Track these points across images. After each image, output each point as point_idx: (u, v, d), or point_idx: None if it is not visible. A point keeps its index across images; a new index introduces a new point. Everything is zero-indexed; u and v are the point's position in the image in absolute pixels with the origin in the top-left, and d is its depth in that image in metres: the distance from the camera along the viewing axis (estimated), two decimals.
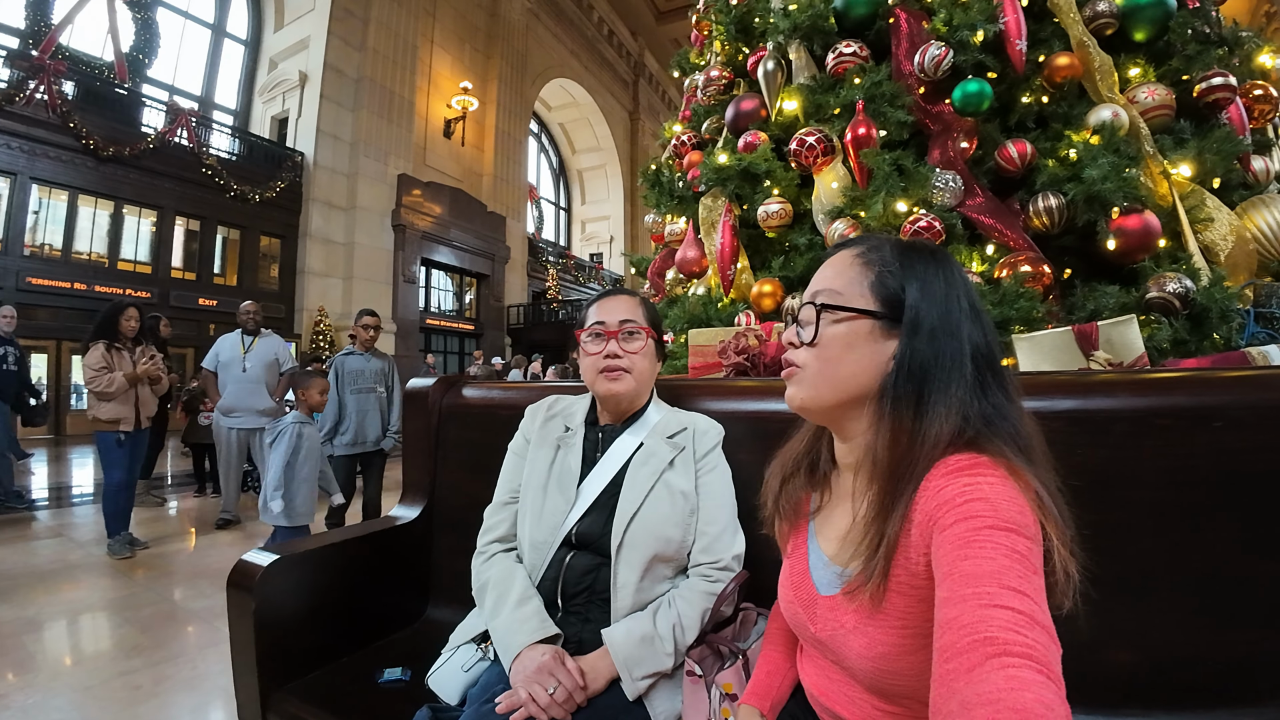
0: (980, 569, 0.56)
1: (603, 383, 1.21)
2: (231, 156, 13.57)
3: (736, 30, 3.36)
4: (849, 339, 0.76)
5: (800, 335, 0.80)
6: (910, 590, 0.68)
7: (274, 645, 1.32)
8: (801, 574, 0.85)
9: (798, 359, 0.80)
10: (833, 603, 0.78)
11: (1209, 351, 2.04)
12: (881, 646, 0.70)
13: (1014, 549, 0.57)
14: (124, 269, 12.06)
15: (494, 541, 1.26)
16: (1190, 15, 2.63)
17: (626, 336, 1.22)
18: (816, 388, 0.77)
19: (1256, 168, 2.47)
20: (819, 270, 0.83)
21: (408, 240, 15.90)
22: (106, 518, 4.14)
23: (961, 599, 0.55)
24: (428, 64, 17.22)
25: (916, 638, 0.68)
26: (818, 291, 0.79)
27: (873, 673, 0.72)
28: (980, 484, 0.63)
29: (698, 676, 1.00)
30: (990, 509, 0.60)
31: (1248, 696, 0.99)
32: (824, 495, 0.88)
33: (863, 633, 0.72)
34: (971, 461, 0.66)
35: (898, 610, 0.69)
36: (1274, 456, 1.01)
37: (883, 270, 0.77)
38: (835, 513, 0.85)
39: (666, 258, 3.64)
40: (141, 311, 4.34)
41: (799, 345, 0.80)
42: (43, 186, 11.01)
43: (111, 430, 4.06)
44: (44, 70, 10.48)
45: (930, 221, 2.37)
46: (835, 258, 0.82)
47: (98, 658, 2.62)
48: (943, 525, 0.62)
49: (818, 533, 0.86)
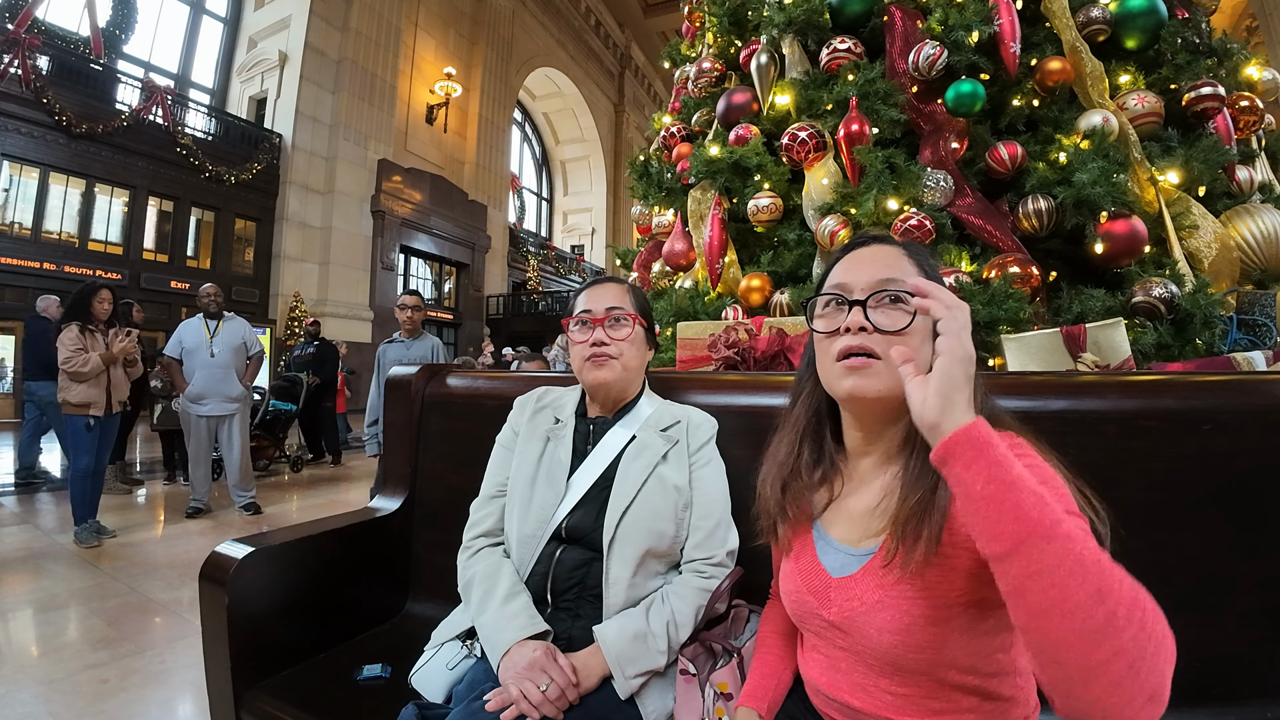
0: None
1: (589, 370, 1.19)
2: (207, 136, 13.29)
3: (729, 23, 3.34)
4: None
5: (879, 322, 0.76)
6: (944, 560, 0.70)
7: (248, 641, 1.28)
8: (811, 564, 0.85)
9: (876, 347, 0.76)
10: (849, 582, 0.79)
11: (1192, 356, 2.07)
12: (908, 617, 0.72)
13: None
14: (95, 249, 11.77)
15: (480, 536, 1.23)
16: (1181, 25, 2.66)
17: (613, 324, 1.20)
18: (895, 381, 0.72)
19: (1241, 177, 2.51)
20: (872, 257, 0.81)
21: (387, 226, 15.71)
22: (74, 504, 4.01)
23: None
24: (411, 48, 16.99)
25: (942, 609, 0.70)
26: (889, 279, 0.77)
27: (894, 647, 0.73)
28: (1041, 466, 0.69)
29: (691, 675, 0.98)
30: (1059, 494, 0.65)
31: (1230, 696, 1.00)
32: (834, 489, 0.87)
33: (888, 605, 0.74)
34: (1012, 441, 0.71)
35: (929, 580, 0.71)
36: (1259, 459, 1.02)
37: (926, 268, 0.80)
38: (849, 500, 0.85)
39: (653, 250, 3.61)
40: (114, 294, 4.21)
41: (874, 331, 0.76)
42: (13, 163, 10.69)
43: (81, 414, 3.94)
44: (19, 44, 10.19)
45: (921, 220, 2.37)
46: (879, 249, 0.82)
47: (63, 650, 2.54)
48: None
49: (826, 526, 0.86)
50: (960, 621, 0.71)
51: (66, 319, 4.00)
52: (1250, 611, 1.00)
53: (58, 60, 11.09)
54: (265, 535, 1.45)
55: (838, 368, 0.79)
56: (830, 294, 0.82)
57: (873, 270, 0.79)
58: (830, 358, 0.80)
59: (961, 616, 0.71)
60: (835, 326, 0.80)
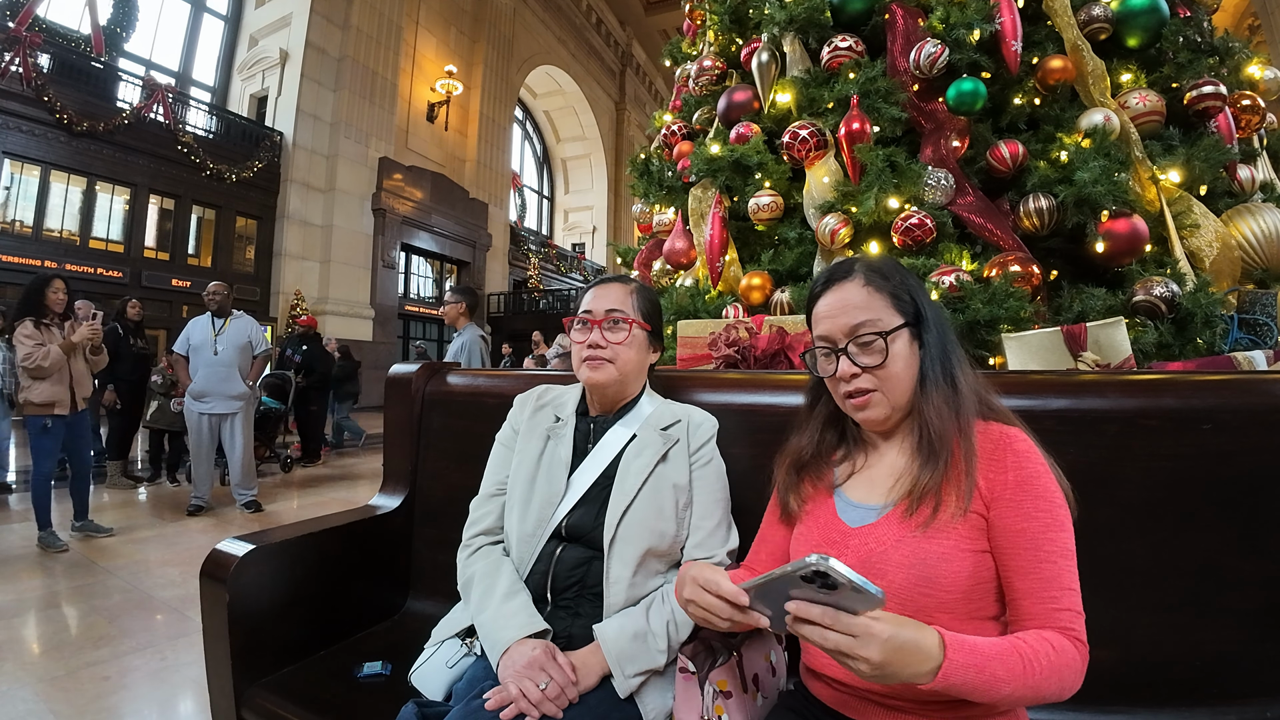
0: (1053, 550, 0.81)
1: (584, 371, 1.20)
2: (208, 134, 13.28)
3: (731, 21, 3.34)
4: (905, 353, 0.90)
5: (863, 363, 0.90)
6: (958, 508, 0.83)
7: (249, 638, 1.28)
8: (829, 520, 0.94)
9: (868, 384, 0.90)
10: (867, 530, 0.89)
11: (1193, 355, 2.07)
12: (924, 554, 0.83)
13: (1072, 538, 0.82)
14: (96, 247, 11.76)
15: (479, 534, 1.23)
16: (1183, 24, 2.65)
17: (611, 326, 1.19)
18: (895, 402, 0.90)
19: (1242, 176, 2.50)
20: (826, 305, 0.94)
21: (388, 225, 15.70)
22: (36, 510, 3.79)
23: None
24: (412, 45, 16.97)
25: (957, 549, 0.82)
26: (859, 324, 0.90)
27: (912, 582, 0.83)
28: (1036, 455, 0.85)
29: (690, 673, 0.98)
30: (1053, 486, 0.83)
31: (1230, 694, 1.01)
32: (855, 465, 0.98)
33: (907, 544, 0.84)
34: (1015, 431, 0.87)
35: (946, 524, 0.83)
36: (1259, 459, 1.03)
37: (892, 289, 0.92)
38: (870, 474, 0.95)
39: (654, 248, 3.61)
40: (68, 284, 3.97)
41: (862, 372, 0.90)
42: (14, 161, 10.69)
43: (43, 414, 3.73)
44: (19, 42, 10.18)
45: (922, 219, 2.37)
46: (839, 292, 0.94)
47: (64, 647, 2.55)
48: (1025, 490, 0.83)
49: (847, 491, 0.96)
50: (972, 565, 0.82)
51: (19, 315, 3.79)
52: (1250, 611, 1.01)
53: (59, 58, 11.08)
54: (266, 533, 1.45)
55: (848, 405, 0.93)
56: (820, 345, 0.95)
57: (844, 318, 0.92)
58: (840, 397, 0.94)
59: (975, 561, 0.83)
60: (832, 372, 0.93)
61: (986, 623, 0.84)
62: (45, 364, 3.67)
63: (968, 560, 0.82)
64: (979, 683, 0.70)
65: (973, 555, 0.83)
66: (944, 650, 0.69)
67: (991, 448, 0.86)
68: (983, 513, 0.84)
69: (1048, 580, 0.79)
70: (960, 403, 0.88)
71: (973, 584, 0.83)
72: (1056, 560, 0.80)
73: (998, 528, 0.83)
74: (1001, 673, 0.71)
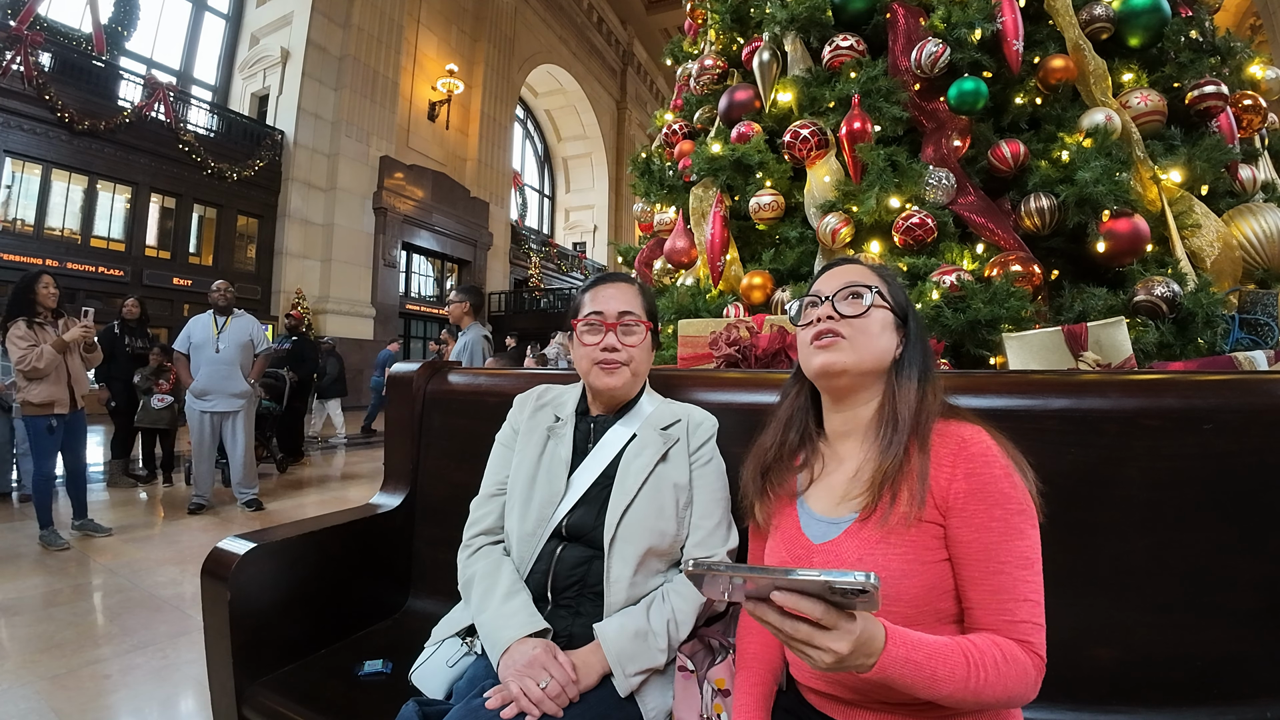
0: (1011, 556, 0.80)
1: (599, 376, 1.18)
2: (209, 133, 13.28)
3: (732, 20, 3.33)
4: (885, 322, 0.93)
5: (843, 309, 0.93)
6: (919, 519, 0.82)
7: (250, 637, 1.28)
8: (794, 535, 0.94)
9: (841, 329, 0.92)
10: (830, 546, 0.89)
11: (1194, 355, 2.06)
12: (885, 571, 0.81)
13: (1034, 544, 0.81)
14: (97, 246, 11.76)
15: (479, 534, 1.23)
16: (1184, 23, 2.65)
17: (625, 330, 1.19)
18: (859, 354, 0.91)
19: (1244, 176, 2.50)
20: (840, 270, 0.98)
21: (389, 223, 15.70)
22: (37, 510, 3.79)
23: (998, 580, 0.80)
24: (413, 44, 16.96)
25: (917, 564, 0.82)
26: (852, 282, 0.95)
27: None
28: (993, 457, 0.83)
29: (690, 672, 0.99)
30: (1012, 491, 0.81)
31: (1230, 694, 1.01)
32: (813, 472, 0.98)
33: (866, 561, 0.83)
34: (974, 431, 0.86)
35: (907, 539, 0.83)
36: (1260, 459, 1.02)
37: (890, 286, 0.97)
38: (830, 478, 0.95)
39: (655, 247, 3.61)
40: (56, 280, 3.90)
41: (840, 318, 0.92)
42: (15, 160, 10.68)
43: (44, 415, 3.70)
44: (21, 41, 10.17)
45: (923, 218, 2.37)
46: (848, 266, 0.99)
47: (65, 646, 2.55)
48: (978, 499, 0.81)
49: (809, 501, 0.96)
50: (932, 577, 0.82)
51: (10, 315, 3.70)
52: (1250, 611, 1.00)
53: (60, 57, 11.08)
54: (267, 531, 1.45)
55: (810, 348, 0.94)
56: (808, 298, 0.99)
57: (840, 278, 0.96)
58: (806, 344, 0.95)
59: (934, 572, 0.82)
60: (810, 319, 0.96)
61: (946, 625, 0.83)
62: (40, 364, 3.61)
63: (927, 572, 0.82)
64: (917, 678, 0.71)
65: (932, 566, 0.82)
66: (886, 643, 0.70)
67: (947, 451, 0.85)
68: (939, 521, 0.83)
69: (1000, 591, 0.79)
70: (925, 400, 0.90)
71: (934, 594, 0.82)
72: (1011, 570, 0.79)
73: (952, 537, 0.82)
74: (943, 671, 0.72)
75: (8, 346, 3.67)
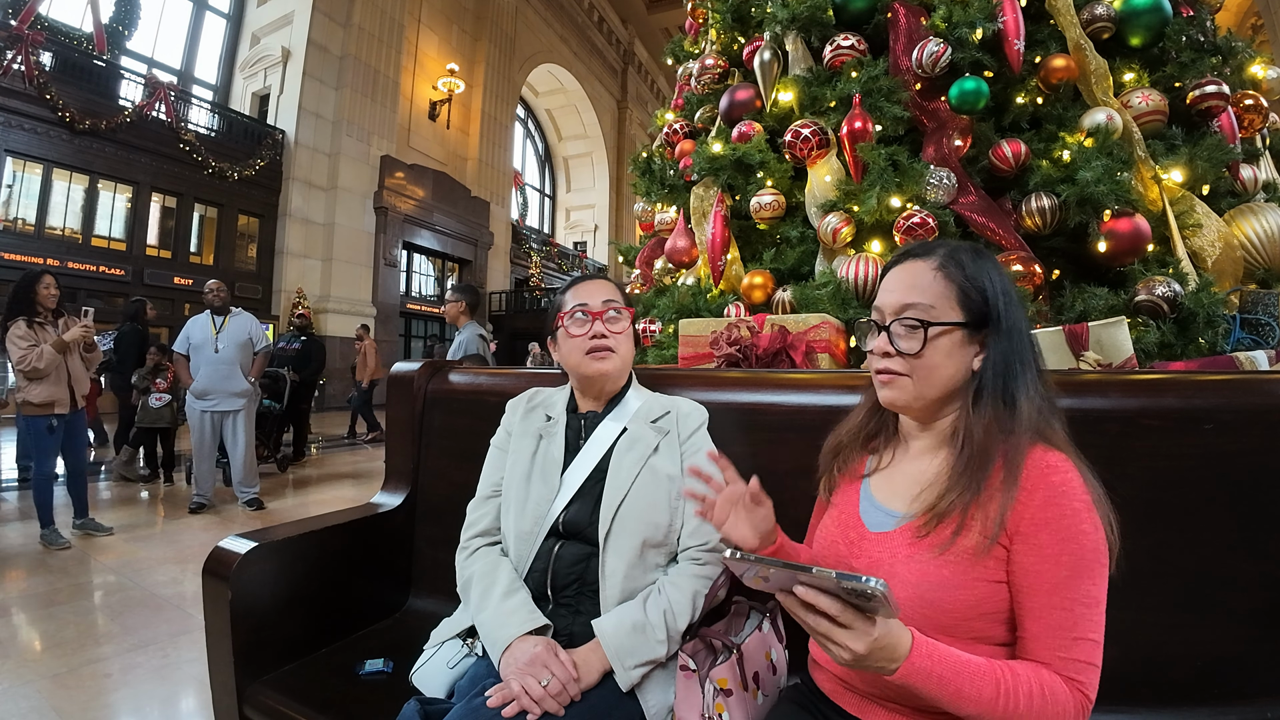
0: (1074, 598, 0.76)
1: (590, 363, 1.20)
2: (210, 132, 13.27)
3: (733, 19, 3.33)
4: (949, 349, 0.86)
5: (899, 347, 0.87)
6: (982, 538, 0.79)
7: (251, 636, 1.28)
8: (851, 517, 0.94)
9: (898, 367, 0.87)
10: (883, 537, 0.88)
11: (1195, 355, 2.06)
12: (934, 577, 0.80)
13: (1103, 586, 0.77)
14: (98, 245, 11.76)
15: (477, 536, 1.24)
16: (1185, 23, 2.64)
17: (611, 319, 1.22)
18: (921, 392, 0.87)
19: (1245, 176, 2.49)
20: (893, 278, 0.92)
21: (389, 223, 15.70)
22: (38, 509, 3.80)
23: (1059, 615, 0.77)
24: (414, 44, 16.96)
25: (969, 578, 0.79)
26: (909, 305, 0.87)
27: (912, 600, 0.80)
28: (1075, 491, 0.78)
29: (691, 671, 0.98)
30: (1090, 529, 0.77)
31: (1230, 694, 1.01)
32: (881, 460, 0.97)
33: (917, 562, 0.82)
34: (1060, 459, 0.80)
35: (963, 552, 0.80)
36: (1261, 459, 1.02)
37: (965, 284, 0.86)
38: (897, 474, 0.94)
39: (655, 247, 3.61)
40: (57, 279, 3.91)
41: (894, 354, 0.87)
42: (16, 159, 10.68)
43: (44, 415, 3.69)
44: (22, 40, 10.16)
45: (924, 218, 2.36)
46: (910, 268, 0.90)
47: (66, 645, 2.55)
48: (1051, 530, 0.77)
49: (873, 487, 0.95)
50: (982, 593, 0.79)
51: (10, 315, 3.68)
52: (1251, 611, 1.00)
53: (61, 56, 11.08)
54: (268, 530, 1.46)
55: (876, 379, 0.91)
56: (869, 321, 0.94)
57: (899, 295, 0.88)
58: (871, 369, 0.92)
59: (985, 591, 0.79)
60: (871, 347, 0.92)
61: (990, 647, 0.81)
62: (40, 365, 3.60)
63: (978, 589, 0.79)
64: (941, 693, 0.71)
65: (986, 585, 0.79)
66: (911, 652, 0.71)
67: (1025, 475, 0.79)
68: (1004, 543, 0.79)
69: (1060, 627, 0.75)
70: (1015, 425, 0.82)
71: (977, 612, 0.80)
72: (1074, 608, 0.75)
73: (1017, 564, 0.78)
74: (969, 690, 0.71)
75: (8, 346, 3.66)
